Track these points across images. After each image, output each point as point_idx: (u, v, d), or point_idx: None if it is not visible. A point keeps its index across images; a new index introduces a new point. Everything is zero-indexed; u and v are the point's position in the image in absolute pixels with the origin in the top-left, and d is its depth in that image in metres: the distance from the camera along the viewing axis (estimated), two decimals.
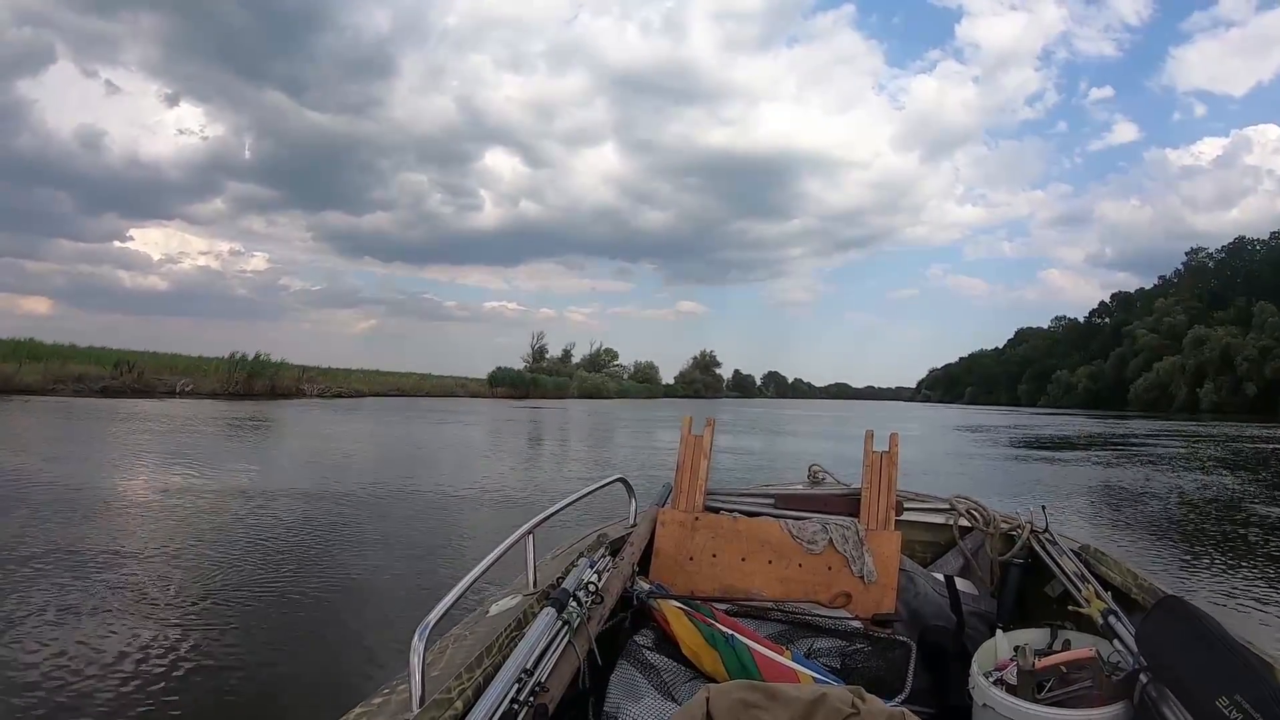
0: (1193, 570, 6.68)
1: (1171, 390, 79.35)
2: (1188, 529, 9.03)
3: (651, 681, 2.04)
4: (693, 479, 3.07)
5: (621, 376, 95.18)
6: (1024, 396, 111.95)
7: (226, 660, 4.00)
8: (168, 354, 45.07)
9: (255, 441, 17.75)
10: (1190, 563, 7.00)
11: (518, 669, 1.60)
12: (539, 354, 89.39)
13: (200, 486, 9.62)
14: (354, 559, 6.25)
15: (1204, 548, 7.84)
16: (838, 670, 2.22)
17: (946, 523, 3.13)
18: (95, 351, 40.14)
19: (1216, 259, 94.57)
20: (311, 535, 7.01)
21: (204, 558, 6.01)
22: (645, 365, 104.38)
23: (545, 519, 2.24)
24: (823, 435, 26.36)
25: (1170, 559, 7.17)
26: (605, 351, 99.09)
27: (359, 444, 17.96)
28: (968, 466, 16.07)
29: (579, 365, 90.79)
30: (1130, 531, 8.51)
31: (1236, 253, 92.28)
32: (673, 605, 2.24)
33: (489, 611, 2.04)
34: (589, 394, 76.19)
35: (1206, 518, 9.72)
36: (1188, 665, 1.72)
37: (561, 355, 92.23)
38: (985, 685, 1.92)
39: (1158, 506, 10.47)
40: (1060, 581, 2.56)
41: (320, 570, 5.74)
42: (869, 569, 2.69)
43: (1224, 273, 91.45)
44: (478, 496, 9.90)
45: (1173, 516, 9.79)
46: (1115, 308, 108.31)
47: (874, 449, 2.97)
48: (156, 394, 35.42)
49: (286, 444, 17.78)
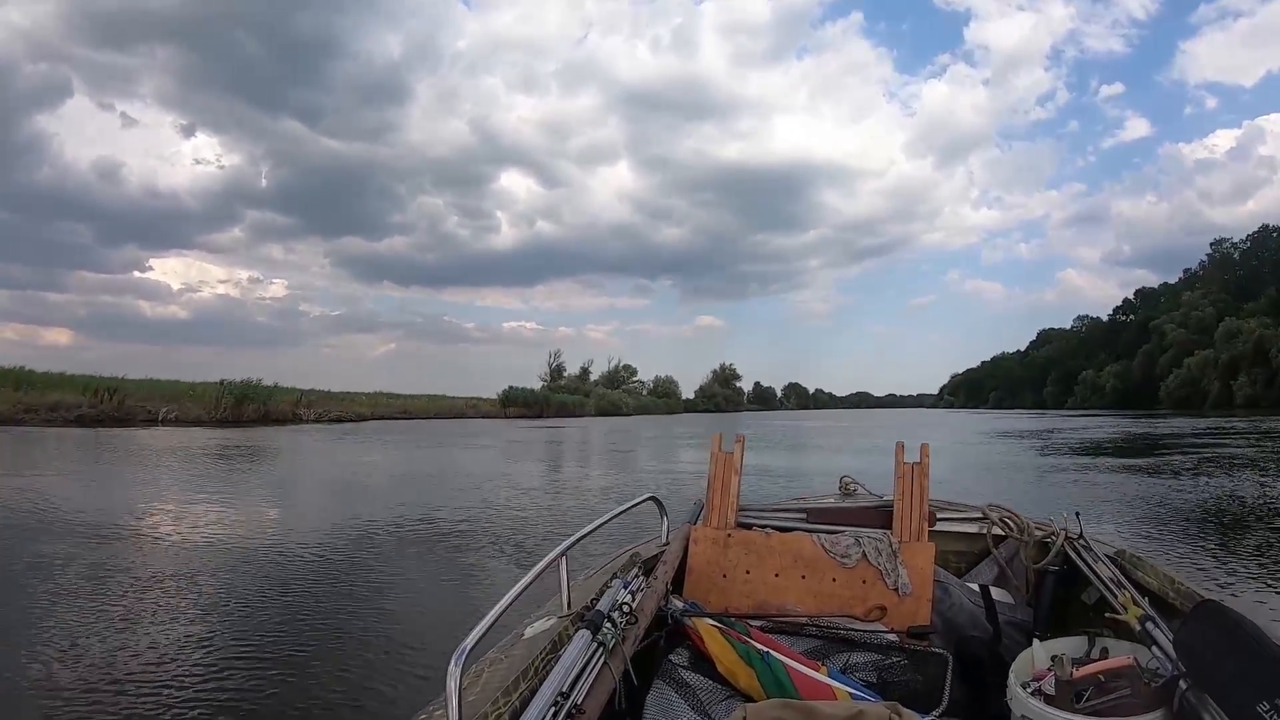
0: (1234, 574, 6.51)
1: (1204, 386, 78.30)
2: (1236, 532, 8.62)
3: (688, 701, 2.04)
4: (724, 495, 3.09)
5: (640, 393, 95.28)
6: (1050, 399, 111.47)
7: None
8: (155, 380, 44.81)
9: (194, 474, 15.95)
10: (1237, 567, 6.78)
11: (554, 692, 1.63)
12: (557, 372, 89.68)
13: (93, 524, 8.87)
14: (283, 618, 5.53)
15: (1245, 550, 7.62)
16: (874, 685, 2.22)
17: (980, 532, 3.14)
18: (81, 379, 39.66)
19: (1241, 250, 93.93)
20: (218, 584, 6.43)
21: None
22: (664, 380, 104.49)
23: (578, 540, 2.25)
24: (851, 450, 24.74)
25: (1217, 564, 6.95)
26: (624, 368, 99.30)
27: (327, 473, 16.94)
28: (1024, 486, 14.20)
29: (597, 383, 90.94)
30: (1172, 540, 8.15)
31: (1261, 242, 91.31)
32: (707, 623, 2.25)
33: (524, 634, 2.06)
34: (606, 411, 76.23)
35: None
36: (1228, 671, 1.70)
37: (580, 373, 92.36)
38: (1023, 696, 1.92)
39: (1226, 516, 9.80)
40: (1097, 588, 2.57)
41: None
42: (903, 581, 2.69)
43: (1250, 263, 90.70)
44: (454, 537, 8.70)
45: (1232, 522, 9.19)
46: (1139, 304, 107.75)
47: (905, 460, 2.98)
48: (136, 422, 34.79)
49: (235, 475, 15.95)
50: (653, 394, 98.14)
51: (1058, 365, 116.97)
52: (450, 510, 10.57)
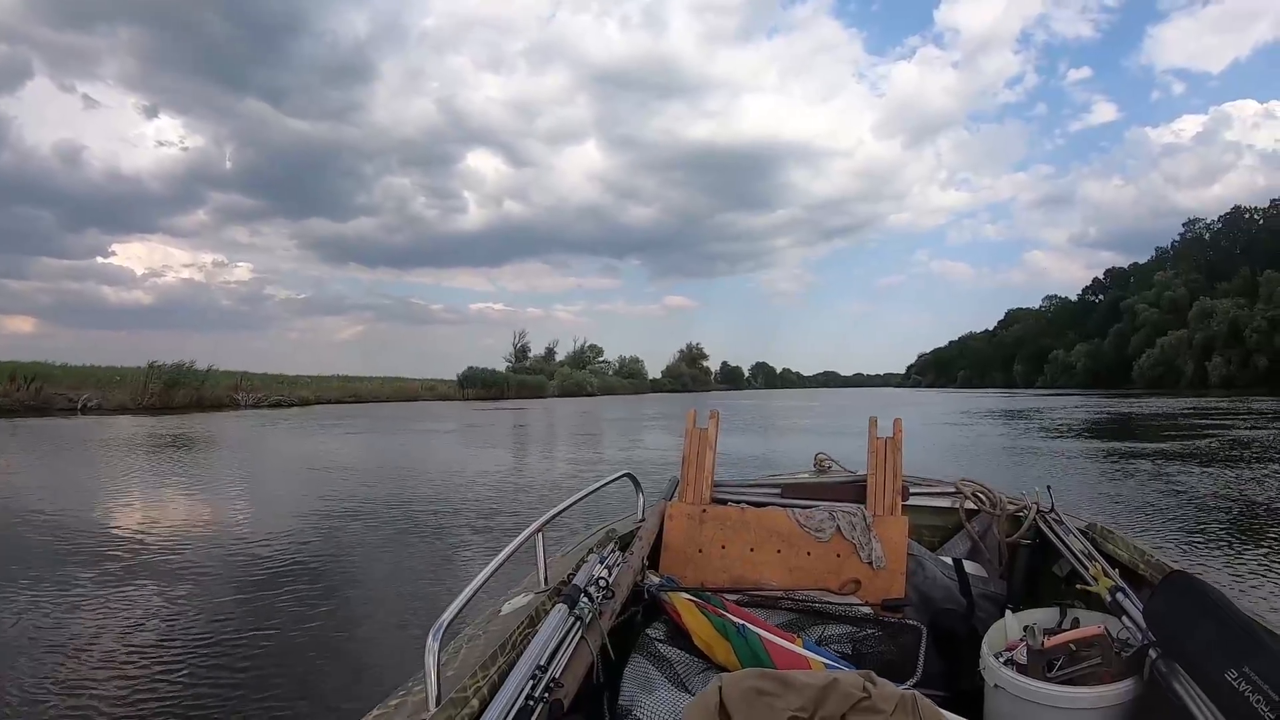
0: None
1: (1178, 365, 79.43)
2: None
3: (665, 674, 2.08)
4: (699, 472, 3.16)
5: (606, 373, 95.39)
6: (1019, 378, 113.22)
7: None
8: (80, 366, 42.87)
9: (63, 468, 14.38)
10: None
11: (532, 665, 1.65)
12: (521, 353, 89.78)
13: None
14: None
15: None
16: (849, 656, 2.30)
17: (953, 506, 3.21)
18: (9, 365, 37.57)
19: (1213, 230, 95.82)
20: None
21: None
22: (630, 360, 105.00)
23: (554, 516, 2.28)
24: (829, 432, 22.57)
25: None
26: (590, 348, 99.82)
27: (239, 466, 15.15)
28: (1014, 471, 12.62)
29: (563, 363, 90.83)
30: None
31: (1234, 223, 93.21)
32: (684, 598, 2.30)
33: (501, 610, 2.08)
34: (570, 392, 75.84)
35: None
36: (1196, 640, 1.76)
37: (545, 354, 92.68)
38: (996, 666, 2.00)
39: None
40: (1068, 561, 2.65)
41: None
42: (877, 555, 2.76)
43: (1220, 244, 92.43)
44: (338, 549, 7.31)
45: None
46: (1109, 284, 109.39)
47: (878, 435, 3.06)
48: (54, 411, 32.99)
49: (129, 470, 14.03)
50: (619, 374, 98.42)
51: (1026, 344, 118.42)
52: (351, 507, 9.43)
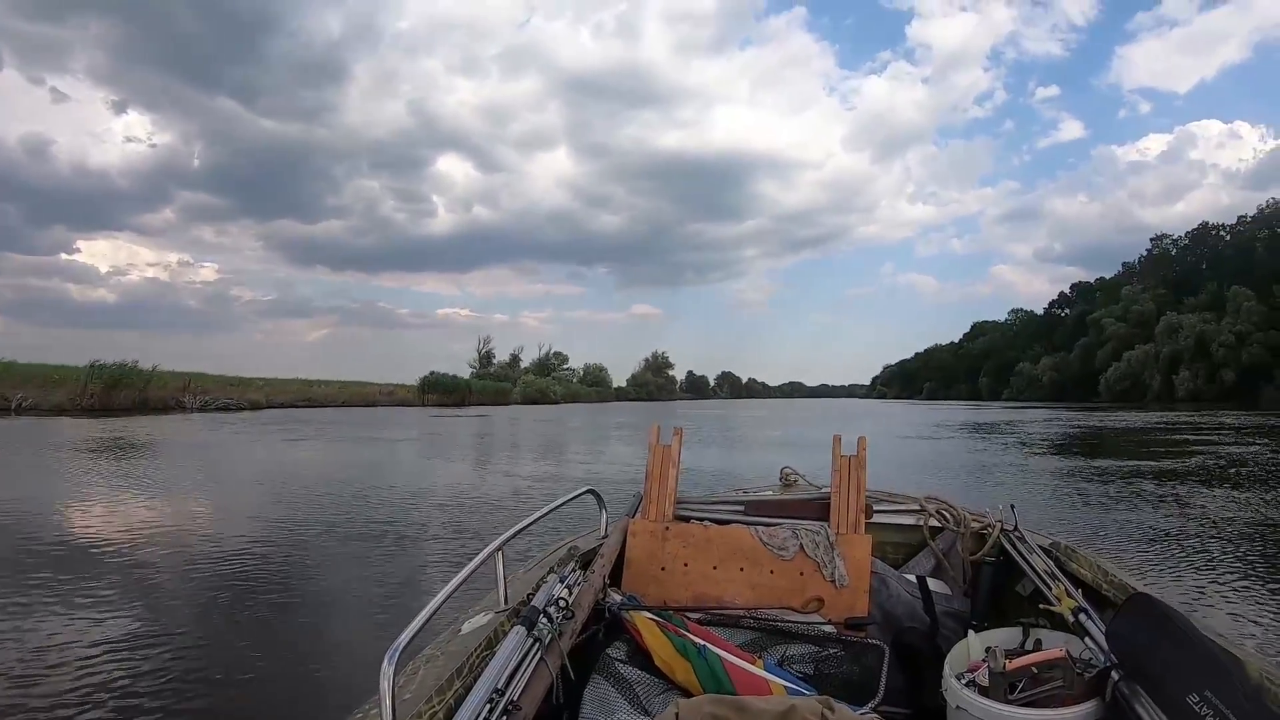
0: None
1: (1145, 379, 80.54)
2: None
3: (624, 695, 2.07)
4: (662, 488, 3.15)
5: (571, 380, 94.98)
6: (985, 390, 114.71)
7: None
8: (29, 364, 41.22)
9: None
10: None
11: (489, 688, 1.66)
12: (486, 359, 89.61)
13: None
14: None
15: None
16: (811, 677, 2.28)
17: (917, 524, 3.22)
18: None
19: (1180, 246, 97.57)
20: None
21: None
22: (595, 368, 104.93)
23: (515, 534, 2.27)
24: (796, 446, 21.36)
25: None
26: (554, 355, 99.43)
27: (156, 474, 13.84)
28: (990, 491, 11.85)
29: (528, 370, 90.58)
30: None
31: (1201, 239, 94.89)
32: (645, 617, 2.29)
33: (460, 630, 2.07)
34: (533, 400, 74.98)
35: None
36: (1158, 662, 1.77)
37: (510, 360, 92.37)
38: (957, 687, 2.00)
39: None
40: (1031, 580, 2.66)
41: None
42: (840, 573, 2.76)
43: (1187, 259, 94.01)
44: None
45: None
46: (1075, 298, 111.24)
47: (842, 453, 3.06)
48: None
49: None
50: (583, 382, 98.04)
51: (992, 357, 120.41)
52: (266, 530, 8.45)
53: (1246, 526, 8.70)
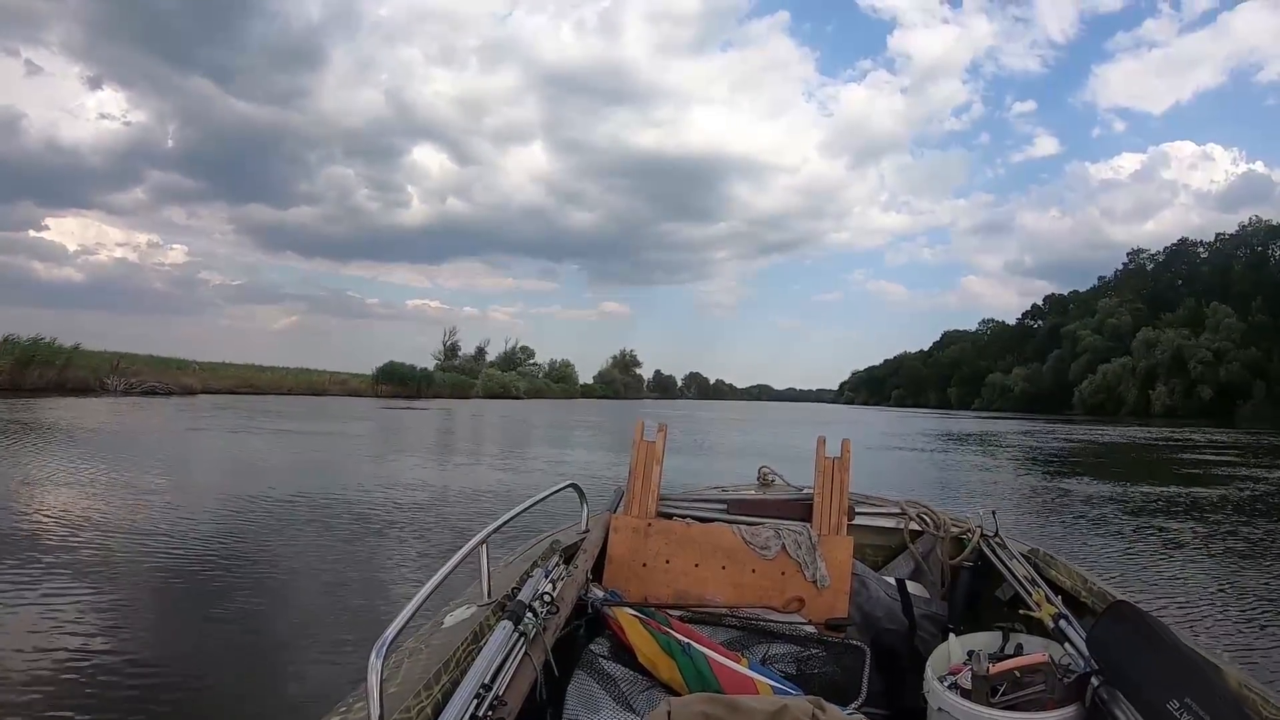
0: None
1: (1121, 393, 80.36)
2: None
3: (609, 692, 2.06)
4: (645, 484, 3.13)
5: (536, 376, 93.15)
6: (954, 399, 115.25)
7: None
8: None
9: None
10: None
11: (476, 684, 1.64)
12: (451, 351, 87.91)
13: None
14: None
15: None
16: (794, 677, 2.29)
17: (897, 527, 3.25)
18: None
19: (1157, 261, 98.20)
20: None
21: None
22: (561, 364, 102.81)
23: (499, 527, 2.24)
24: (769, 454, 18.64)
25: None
26: (521, 349, 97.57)
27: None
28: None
29: (493, 364, 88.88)
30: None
31: (1178, 255, 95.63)
32: (628, 613, 2.30)
33: (444, 622, 2.05)
34: (496, 394, 72.88)
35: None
36: (1138, 669, 1.79)
37: (475, 353, 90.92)
38: (940, 690, 2.00)
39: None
40: (1011, 585, 2.68)
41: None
42: (822, 574, 2.76)
43: (1164, 275, 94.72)
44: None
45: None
46: (1048, 310, 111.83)
47: (826, 455, 3.06)
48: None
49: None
50: (548, 378, 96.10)
51: (963, 366, 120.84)
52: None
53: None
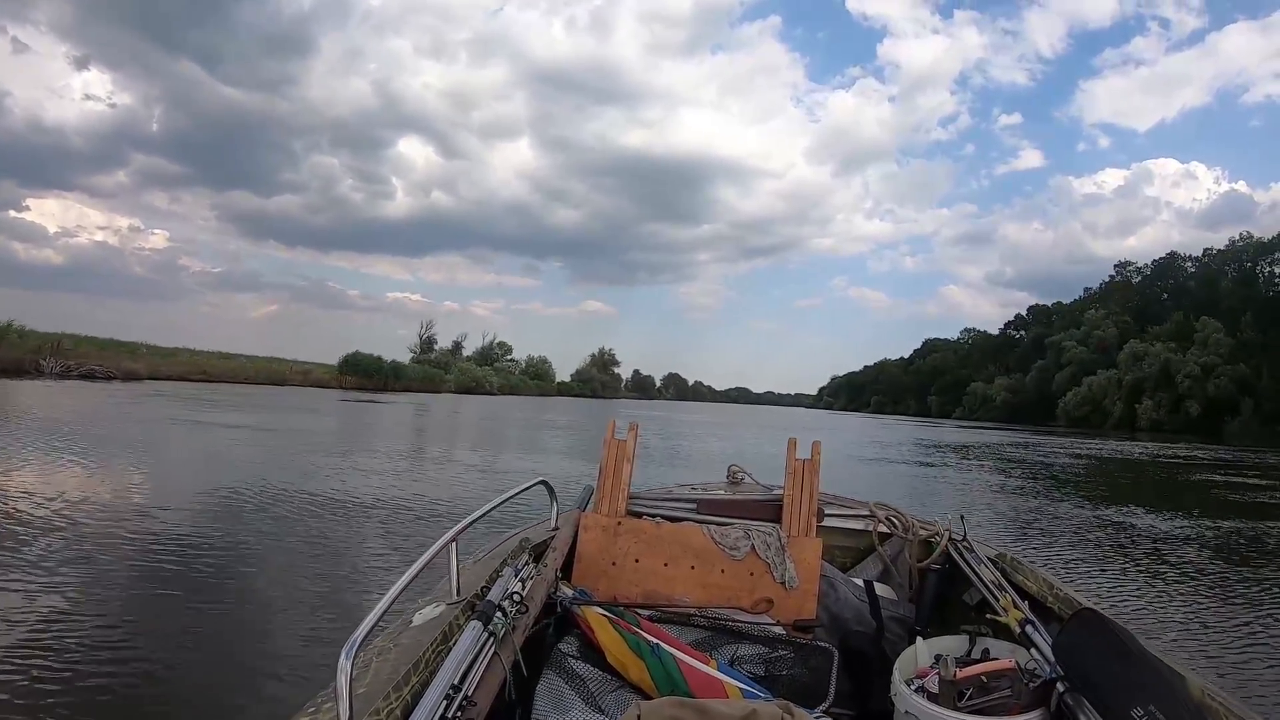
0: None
1: (1106, 406, 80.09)
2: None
3: (578, 692, 2.07)
4: (615, 483, 3.12)
5: (512, 372, 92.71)
6: (935, 407, 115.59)
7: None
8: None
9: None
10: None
11: (446, 685, 1.63)
12: (427, 345, 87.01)
13: None
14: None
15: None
16: (762, 678, 2.30)
17: (866, 529, 3.28)
18: None
19: (1144, 274, 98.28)
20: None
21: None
22: (538, 361, 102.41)
23: (467, 526, 2.23)
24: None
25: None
26: (498, 345, 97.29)
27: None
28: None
29: (470, 359, 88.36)
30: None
31: (1165, 269, 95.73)
32: (597, 612, 2.30)
33: (413, 621, 2.04)
34: (468, 389, 70.94)
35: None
36: (1103, 676, 1.82)
37: (452, 347, 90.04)
38: (908, 694, 2.03)
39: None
40: (978, 589, 2.71)
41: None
42: (790, 575, 2.78)
43: (1150, 288, 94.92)
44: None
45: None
46: (1031, 320, 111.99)
47: (796, 456, 3.07)
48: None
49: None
50: (525, 374, 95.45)
51: (944, 375, 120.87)
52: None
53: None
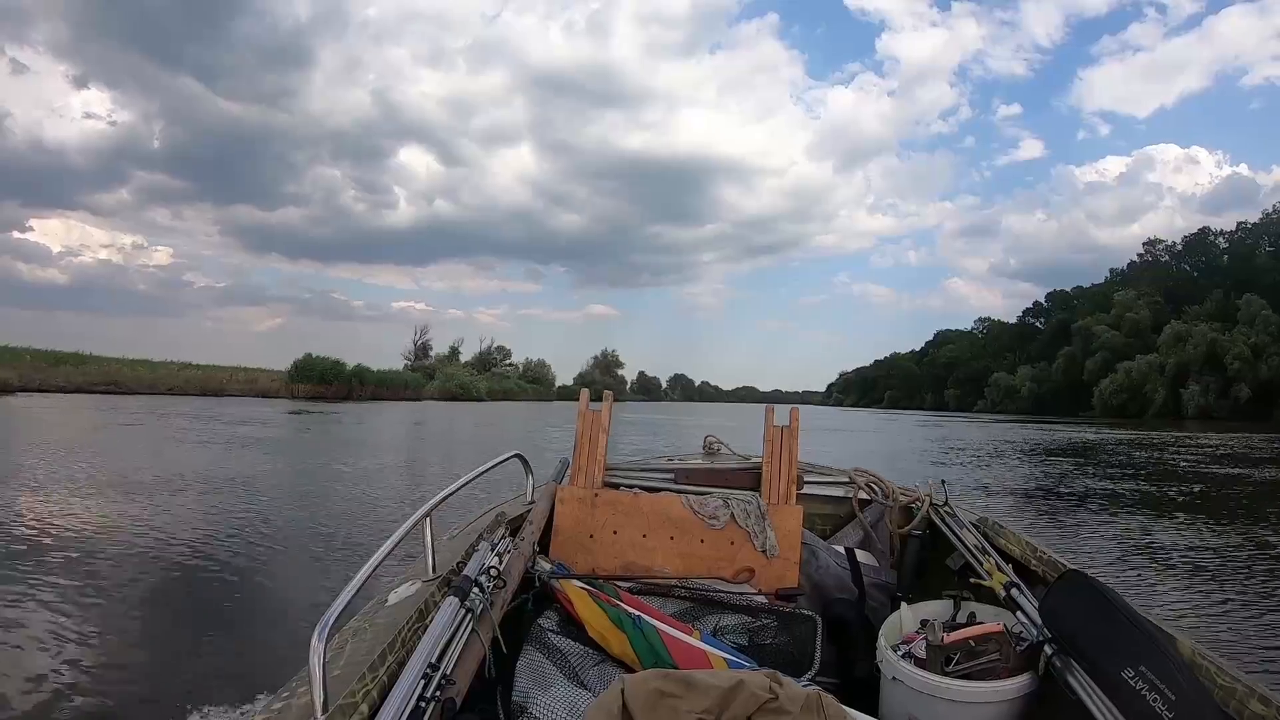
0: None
1: (1147, 393, 73.81)
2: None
3: (559, 667, 2.08)
4: (591, 454, 3.14)
5: (509, 376, 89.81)
6: (952, 401, 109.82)
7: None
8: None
9: None
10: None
11: (423, 664, 1.59)
12: (422, 351, 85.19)
13: None
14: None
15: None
16: (745, 647, 2.33)
17: (846, 495, 3.30)
18: None
19: (1173, 251, 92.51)
20: None
21: None
22: (536, 364, 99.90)
23: (442, 500, 2.21)
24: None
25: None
26: (496, 349, 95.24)
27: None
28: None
29: (467, 363, 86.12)
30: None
31: (1197, 246, 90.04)
32: (576, 586, 2.32)
33: (388, 600, 2.02)
34: (454, 395, 68.25)
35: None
36: (1092, 637, 1.83)
37: (448, 353, 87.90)
38: (894, 659, 2.06)
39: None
40: (961, 554, 2.74)
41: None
42: (771, 543, 2.78)
43: (1181, 266, 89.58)
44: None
45: None
46: (1051, 307, 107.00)
47: (775, 423, 3.10)
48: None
49: None
50: (523, 378, 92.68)
51: (960, 367, 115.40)
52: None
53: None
